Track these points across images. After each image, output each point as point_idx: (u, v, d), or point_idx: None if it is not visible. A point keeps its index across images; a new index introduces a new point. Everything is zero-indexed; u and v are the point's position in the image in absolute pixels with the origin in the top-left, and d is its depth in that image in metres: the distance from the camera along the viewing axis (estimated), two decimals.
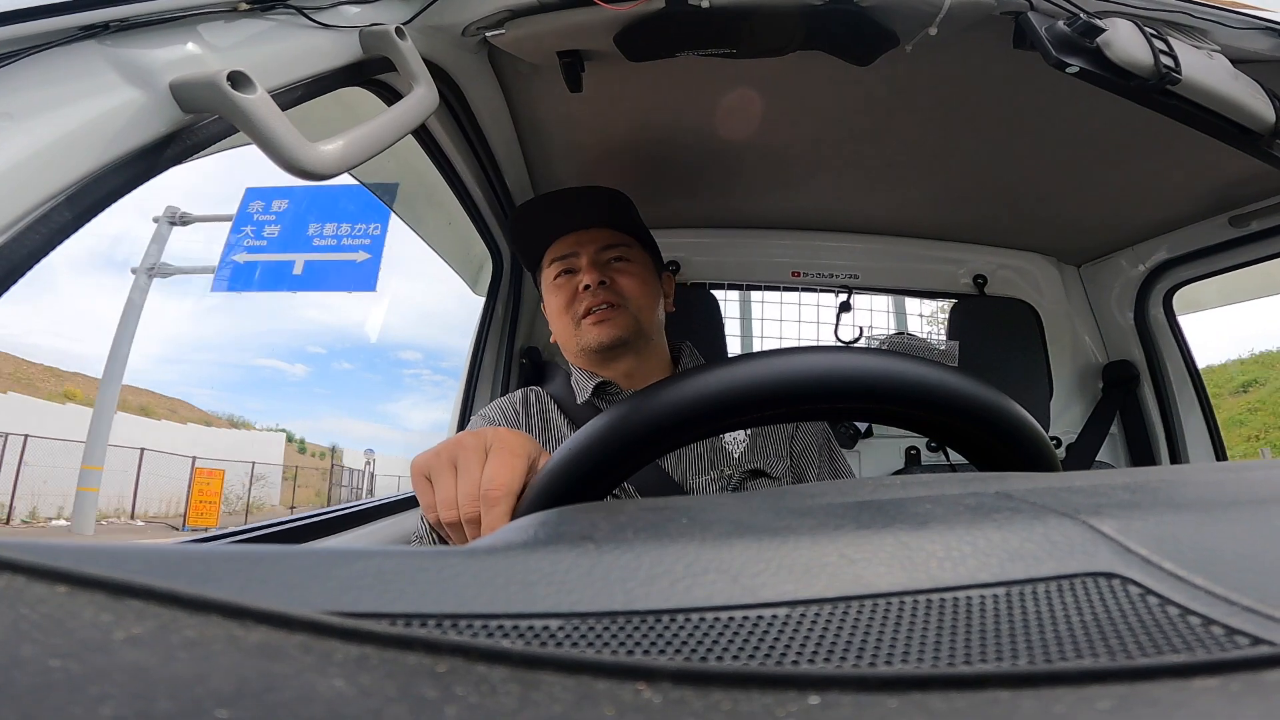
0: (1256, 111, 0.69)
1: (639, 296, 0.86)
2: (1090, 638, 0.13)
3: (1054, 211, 1.34)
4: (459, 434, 0.46)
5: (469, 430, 0.46)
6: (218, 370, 41.91)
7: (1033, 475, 0.26)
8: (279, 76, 0.51)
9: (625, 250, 0.88)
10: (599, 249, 0.87)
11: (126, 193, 0.40)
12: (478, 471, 0.42)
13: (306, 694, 0.10)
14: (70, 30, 0.39)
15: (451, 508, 0.42)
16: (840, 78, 0.89)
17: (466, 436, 0.44)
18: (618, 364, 0.87)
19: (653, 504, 0.21)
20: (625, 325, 0.84)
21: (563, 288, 0.87)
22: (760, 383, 0.35)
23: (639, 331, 0.86)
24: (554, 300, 0.88)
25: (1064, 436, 1.47)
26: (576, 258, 0.87)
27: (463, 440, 0.44)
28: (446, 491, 0.42)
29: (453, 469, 0.43)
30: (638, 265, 0.89)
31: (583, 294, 0.85)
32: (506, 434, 0.44)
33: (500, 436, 0.44)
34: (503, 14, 0.72)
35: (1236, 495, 0.20)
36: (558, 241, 0.89)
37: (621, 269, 0.87)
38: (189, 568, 0.14)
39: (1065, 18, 0.67)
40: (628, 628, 0.14)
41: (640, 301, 0.86)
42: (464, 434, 0.45)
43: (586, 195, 0.91)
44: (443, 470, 0.43)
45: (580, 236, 0.88)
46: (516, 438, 0.44)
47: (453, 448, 0.44)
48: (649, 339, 0.88)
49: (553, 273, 0.89)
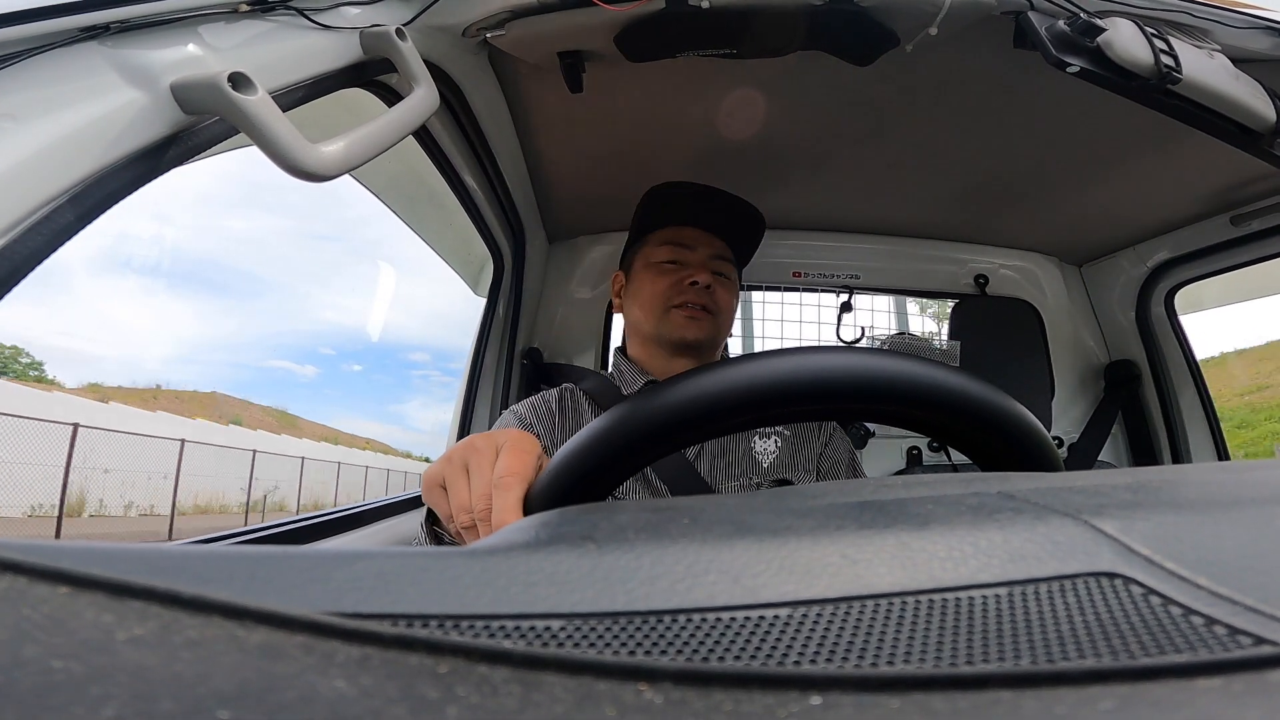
0: (1257, 111, 0.69)
1: (727, 312, 0.90)
2: (1093, 638, 0.13)
3: (1055, 211, 1.34)
4: (469, 437, 0.45)
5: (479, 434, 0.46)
6: (231, 370, 42.05)
7: (1035, 475, 0.26)
8: (280, 78, 0.51)
9: (729, 268, 0.92)
10: (713, 254, 0.90)
11: (128, 194, 0.40)
12: (490, 470, 0.41)
13: (308, 694, 0.10)
14: (71, 31, 0.39)
15: (467, 511, 0.41)
16: (841, 78, 0.89)
17: (477, 439, 0.44)
18: (680, 362, 0.89)
19: (653, 504, 0.21)
20: (711, 330, 0.88)
21: (669, 273, 0.88)
22: (762, 383, 0.35)
23: (714, 343, 0.90)
24: (651, 280, 0.89)
25: (1066, 436, 1.47)
26: (693, 252, 0.89)
27: (473, 442, 0.44)
28: (460, 497, 0.42)
29: (465, 472, 0.42)
30: (734, 285, 0.92)
31: (687, 288, 0.86)
32: (517, 433, 0.44)
33: (512, 435, 0.43)
34: (503, 15, 0.72)
35: (1239, 495, 0.20)
36: (680, 228, 0.91)
37: (721, 283, 0.89)
38: (190, 568, 0.14)
39: (1066, 17, 0.67)
40: (629, 628, 0.14)
41: (726, 318, 0.91)
42: (475, 436, 0.45)
43: (737, 205, 0.93)
44: (456, 475, 0.43)
45: (704, 236, 0.90)
46: (528, 437, 0.44)
47: (464, 450, 0.44)
48: (713, 351, 0.92)
49: (663, 254, 0.89)
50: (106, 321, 46.90)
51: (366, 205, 1.11)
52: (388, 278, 8.18)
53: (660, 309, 0.87)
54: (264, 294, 51.21)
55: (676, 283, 0.87)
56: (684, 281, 0.86)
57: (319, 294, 59.42)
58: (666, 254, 0.89)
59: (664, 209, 0.92)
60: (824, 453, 0.89)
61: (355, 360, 40.42)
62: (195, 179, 20.68)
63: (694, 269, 0.87)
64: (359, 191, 1.07)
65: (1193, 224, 1.33)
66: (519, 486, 0.40)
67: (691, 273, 0.86)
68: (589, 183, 1.24)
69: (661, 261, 0.89)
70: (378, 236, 39.22)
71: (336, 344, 46.82)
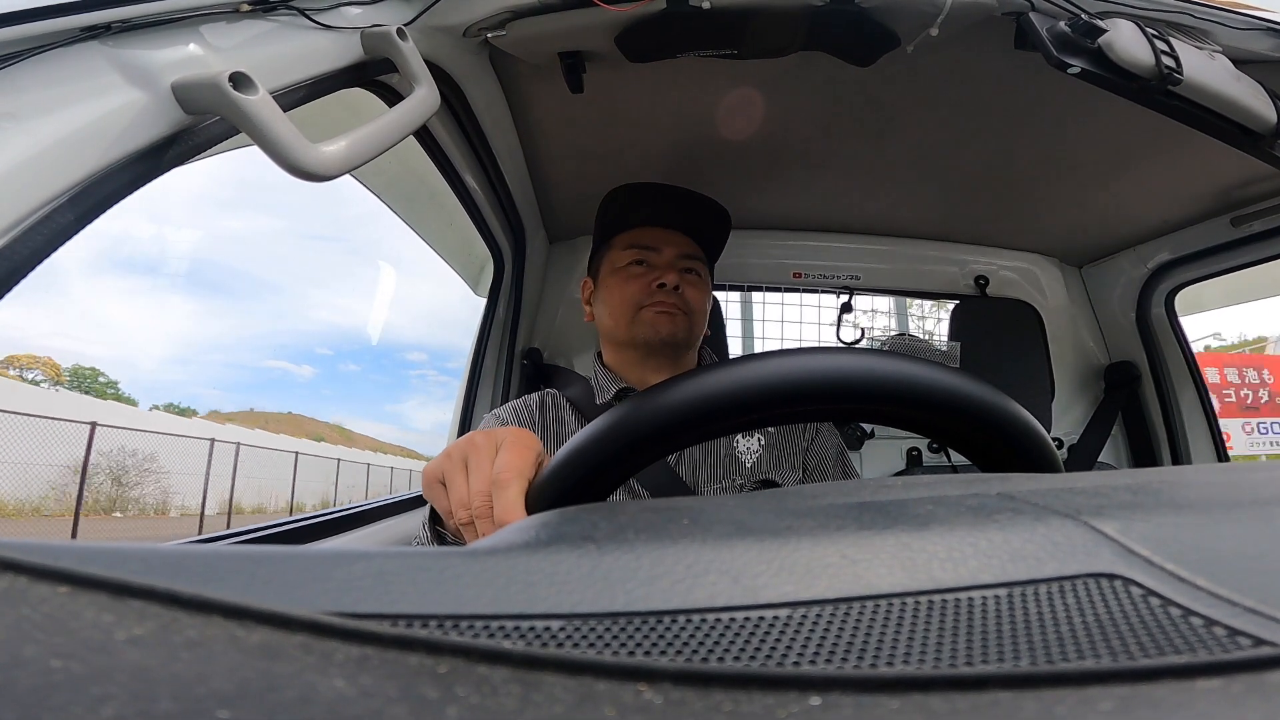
0: (1258, 112, 0.69)
1: (699, 312, 0.88)
2: (1092, 639, 0.13)
3: (1055, 212, 1.34)
4: (470, 434, 0.45)
5: (479, 430, 0.46)
6: (226, 371, 42.09)
7: (1035, 476, 0.26)
8: (281, 77, 0.51)
9: (698, 265, 0.90)
10: (680, 254, 0.88)
11: (129, 194, 0.40)
12: (489, 467, 0.41)
13: (307, 694, 0.10)
14: (72, 31, 0.39)
15: (466, 507, 0.41)
16: (841, 79, 0.90)
17: (477, 435, 0.44)
18: (655, 364, 0.87)
19: (654, 505, 0.21)
20: (684, 326, 0.86)
21: (636, 277, 0.87)
22: (763, 383, 0.35)
23: (688, 341, 0.88)
24: (619, 285, 0.88)
25: (1066, 437, 1.47)
26: (657, 254, 0.87)
27: (473, 439, 0.44)
28: (459, 491, 0.42)
29: (465, 469, 0.42)
30: (704, 282, 0.90)
31: (655, 290, 0.85)
32: (518, 430, 0.44)
33: (512, 432, 0.43)
34: (504, 15, 0.72)
35: (1239, 496, 0.20)
36: (643, 229, 0.89)
37: (691, 281, 0.88)
38: (190, 568, 0.14)
39: (1066, 18, 0.67)
40: (629, 628, 0.14)
41: (698, 317, 0.88)
42: (475, 433, 0.45)
43: (697, 200, 0.91)
44: (455, 470, 0.43)
45: (668, 235, 0.88)
46: (528, 434, 0.44)
47: (464, 447, 0.43)
48: (689, 351, 0.90)
49: (627, 257, 0.88)
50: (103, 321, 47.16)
51: (363, 205, 1.11)
52: (385, 278, 8.22)
53: (630, 312, 0.86)
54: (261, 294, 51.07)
55: (644, 286, 0.86)
56: (652, 284, 0.85)
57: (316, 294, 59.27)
58: (632, 256, 0.88)
59: (625, 211, 0.91)
60: (810, 448, 0.88)
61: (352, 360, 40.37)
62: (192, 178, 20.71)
63: (661, 270, 0.86)
64: (356, 191, 1.07)
65: (1193, 225, 1.33)
66: (519, 482, 0.40)
67: (659, 275, 0.85)
68: (589, 183, 1.24)
69: (628, 264, 0.87)
70: (375, 237, 39.33)
71: (334, 344, 46.81)
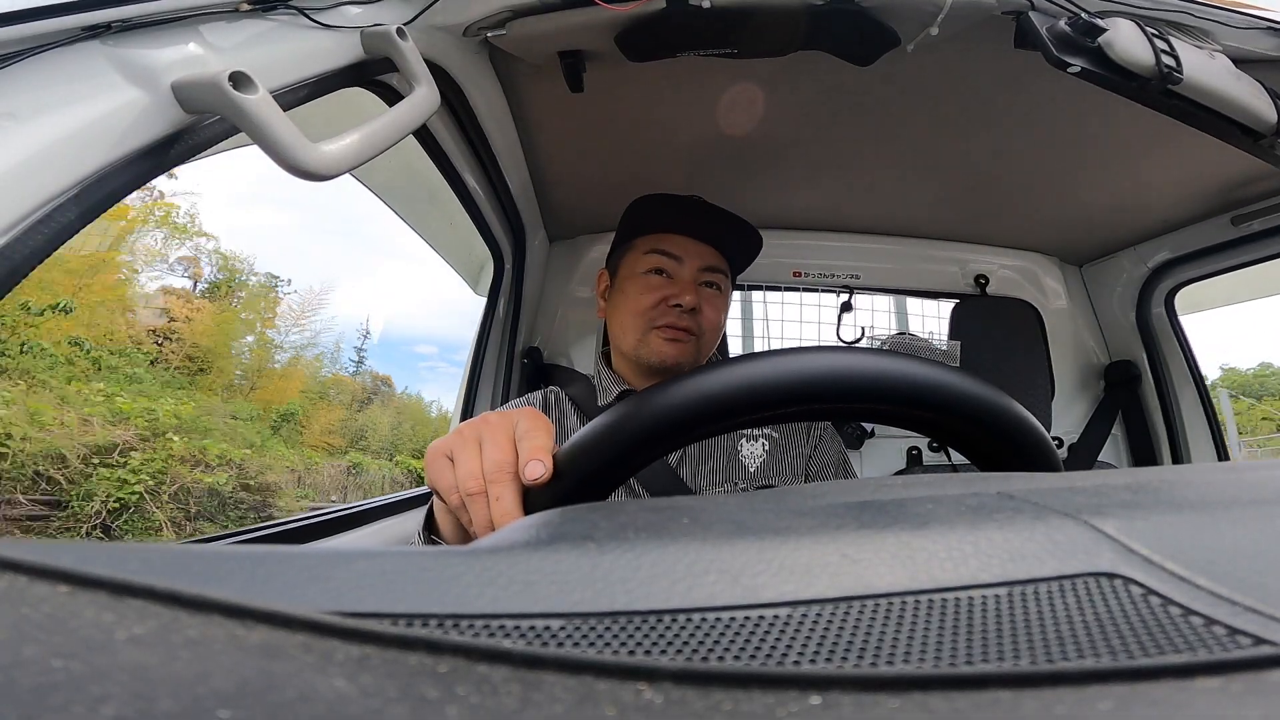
0: (1258, 111, 0.69)
1: (712, 332, 0.86)
2: (1092, 638, 0.13)
3: (1056, 211, 1.34)
4: (482, 414, 0.44)
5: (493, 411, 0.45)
6: None
7: (1034, 475, 0.26)
8: (281, 77, 0.51)
9: (720, 279, 0.87)
10: (702, 266, 0.85)
11: (129, 193, 0.41)
12: (507, 443, 0.40)
13: (308, 694, 0.10)
14: (73, 31, 0.39)
15: (476, 478, 0.40)
16: (841, 78, 0.89)
17: (492, 415, 0.43)
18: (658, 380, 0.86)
19: (654, 504, 0.21)
20: (691, 353, 0.84)
21: (654, 288, 0.84)
22: (763, 383, 0.35)
23: (695, 365, 0.85)
24: (635, 293, 0.85)
25: (1066, 436, 1.47)
26: (679, 264, 0.84)
27: (488, 417, 0.43)
28: (471, 464, 0.40)
29: (477, 445, 0.41)
30: (724, 299, 0.88)
31: (669, 309, 0.82)
32: (533, 411, 0.43)
33: (527, 413, 0.42)
34: (504, 14, 0.72)
35: (1238, 495, 0.20)
36: (669, 235, 0.86)
37: (710, 297, 0.85)
38: (190, 567, 0.14)
39: (1066, 17, 0.67)
40: (629, 628, 0.14)
41: (711, 338, 0.86)
42: (489, 413, 0.44)
43: (729, 217, 0.87)
44: (466, 445, 0.41)
45: (694, 245, 0.85)
46: (542, 415, 0.43)
47: (478, 425, 0.42)
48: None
49: (648, 263, 0.85)
50: None
51: (369, 202, 1.10)
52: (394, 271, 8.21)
53: (642, 328, 0.83)
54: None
55: (660, 300, 0.83)
56: (668, 301, 0.82)
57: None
58: (653, 263, 0.85)
59: (654, 215, 0.89)
60: (813, 456, 0.87)
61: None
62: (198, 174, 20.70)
63: (680, 287, 0.83)
64: (358, 189, 1.06)
65: (1193, 224, 1.33)
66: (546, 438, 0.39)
67: (677, 292, 0.82)
68: (589, 182, 1.24)
69: (648, 271, 0.85)
70: (382, 233, 39.22)
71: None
